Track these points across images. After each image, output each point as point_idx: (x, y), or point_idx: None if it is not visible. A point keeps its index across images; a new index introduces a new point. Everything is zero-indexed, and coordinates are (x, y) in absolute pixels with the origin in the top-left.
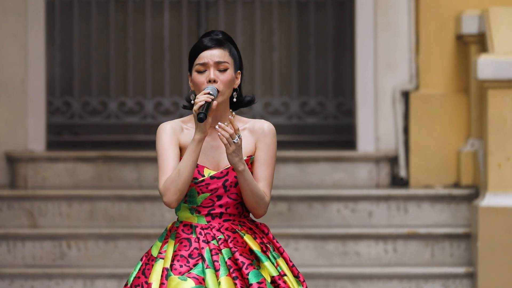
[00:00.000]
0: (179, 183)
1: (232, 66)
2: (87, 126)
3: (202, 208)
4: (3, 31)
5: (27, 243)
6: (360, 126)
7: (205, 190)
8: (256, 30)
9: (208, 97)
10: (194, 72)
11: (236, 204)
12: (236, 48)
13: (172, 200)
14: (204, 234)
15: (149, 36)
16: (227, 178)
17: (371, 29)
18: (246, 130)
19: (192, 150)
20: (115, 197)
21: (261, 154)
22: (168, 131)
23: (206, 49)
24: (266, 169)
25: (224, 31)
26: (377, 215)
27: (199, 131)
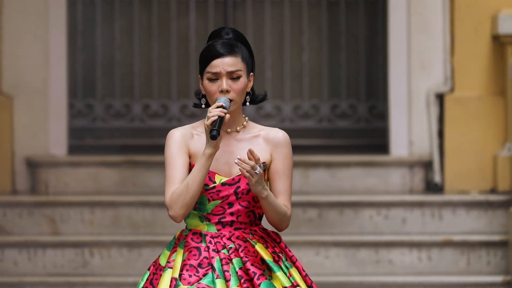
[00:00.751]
0: (187, 198)
1: (245, 72)
2: (110, 130)
3: (212, 216)
4: (24, 32)
5: (48, 251)
6: (393, 130)
7: (216, 197)
8: (285, 30)
9: (221, 112)
10: (206, 80)
11: (247, 212)
12: (248, 47)
13: (178, 215)
14: (214, 243)
15: (174, 36)
16: (239, 185)
17: (405, 29)
18: (260, 137)
19: (201, 165)
20: (140, 203)
21: (279, 165)
22: (177, 138)
23: (218, 57)
24: (285, 181)
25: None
26: (410, 222)
27: (210, 146)
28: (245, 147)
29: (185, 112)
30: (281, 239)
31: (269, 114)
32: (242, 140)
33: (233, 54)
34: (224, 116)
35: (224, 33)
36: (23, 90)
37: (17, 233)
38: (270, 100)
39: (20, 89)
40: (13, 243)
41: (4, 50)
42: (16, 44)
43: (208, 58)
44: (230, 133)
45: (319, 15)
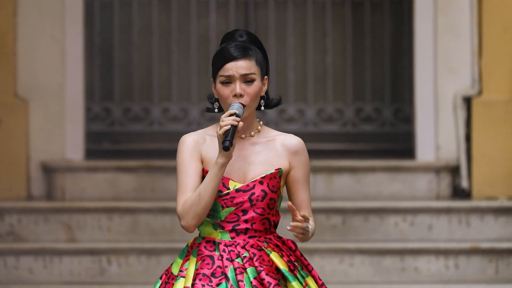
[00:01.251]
0: (199, 208)
1: (259, 75)
2: (128, 134)
3: (226, 223)
4: (39, 33)
5: (65, 259)
6: (419, 134)
7: (230, 204)
8: (308, 31)
9: (234, 120)
10: (219, 83)
11: (262, 219)
12: (263, 50)
13: (190, 225)
14: (228, 251)
15: (194, 38)
16: (253, 192)
17: (431, 31)
18: (275, 142)
19: (214, 175)
20: (158, 210)
21: (299, 174)
22: (189, 144)
23: (231, 60)
24: (306, 190)
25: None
26: (437, 229)
27: (223, 156)
28: (259, 151)
29: (205, 115)
30: (297, 247)
31: (292, 118)
32: (257, 144)
33: (247, 57)
34: (237, 125)
35: (238, 35)
36: (38, 93)
37: (32, 240)
38: (293, 103)
39: (36, 92)
40: (28, 250)
41: (19, 52)
42: (31, 46)
43: (221, 61)
44: (244, 138)
45: (343, 16)
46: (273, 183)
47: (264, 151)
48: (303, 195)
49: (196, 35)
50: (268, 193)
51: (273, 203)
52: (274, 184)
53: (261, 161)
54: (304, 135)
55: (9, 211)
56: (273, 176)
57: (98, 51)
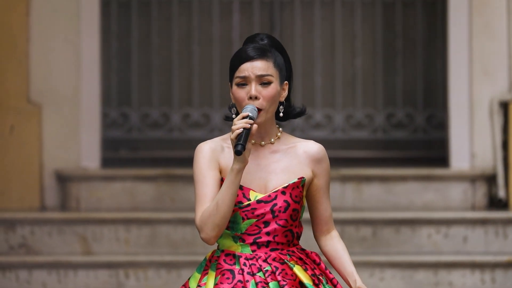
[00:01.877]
0: (217, 218)
1: (277, 78)
2: (147, 141)
3: (246, 236)
4: (53, 35)
5: (80, 272)
6: (453, 141)
7: (251, 215)
8: (336, 33)
9: (247, 123)
10: (234, 85)
11: (285, 231)
12: (284, 54)
13: (210, 237)
14: (249, 265)
15: (216, 40)
16: (275, 203)
17: (466, 32)
18: (296, 149)
19: (230, 182)
20: (179, 221)
21: (322, 182)
22: (206, 153)
23: (247, 60)
24: (328, 199)
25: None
26: (472, 241)
27: (238, 161)
28: (280, 159)
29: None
30: (321, 260)
31: (319, 124)
32: (277, 151)
33: (264, 58)
34: (251, 128)
35: (259, 39)
36: (52, 97)
37: (46, 252)
38: (320, 109)
39: (50, 97)
40: (42, 263)
41: (32, 55)
42: (45, 48)
43: (237, 62)
44: (264, 145)
45: (373, 16)
46: (296, 193)
47: (285, 159)
48: (326, 204)
49: (219, 37)
50: (291, 203)
51: (296, 214)
52: (297, 194)
53: (283, 170)
54: (332, 142)
55: (22, 222)
56: (296, 185)
57: (115, 54)
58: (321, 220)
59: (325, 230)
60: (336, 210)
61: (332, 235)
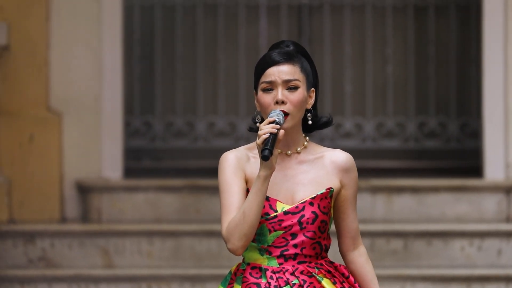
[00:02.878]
0: (245, 228)
1: (304, 84)
2: (170, 150)
3: (273, 249)
4: (74, 40)
5: (101, 286)
6: (487, 150)
7: (278, 227)
8: (366, 39)
9: (273, 128)
10: (260, 91)
11: (313, 243)
12: (311, 62)
13: (237, 247)
14: (275, 278)
15: (243, 46)
16: (303, 214)
17: (501, 38)
18: (324, 159)
19: (257, 189)
20: (204, 233)
21: (350, 192)
22: (232, 162)
23: (273, 65)
24: (355, 210)
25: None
26: (507, 254)
27: (265, 167)
28: (307, 169)
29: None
30: (350, 273)
31: (349, 133)
32: (304, 162)
33: (291, 62)
34: (278, 133)
35: (284, 46)
36: (73, 105)
37: (66, 266)
38: (350, 117)
39: (70, 105)
40: (62, 277)
41: (52, 61)
42: (65, 55)
43: (263, 67)
44: (290, 155)
45: (405, 22)
46: (324, 204)
47: (312, 170)
48: (353, 216)
49: (245, 43)
50: (319, 215)
51: (324, 226)
52: (325, 205)
53: (310, 181)
54: (362, 151)
55: (41, 235)
56: (324, 196)
57: (138, 60)
58: (348, 233)
59: (351, 244)
60: (366, 221)
61: (361, 252)
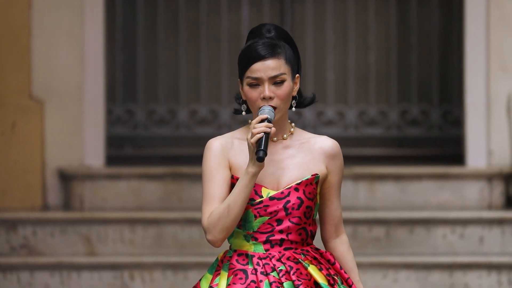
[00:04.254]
0: (228, 221)
1: (289, 75)
2: (153, 138)
3: (259, 235)
4: (56, 29)
5: (84, 274)
6: (469, 138)
7: (263, 213)
8: (349, 27)
9: (267, 127)
10: (246, 85)
11: (298, 229)
12: (293, 45)
13: (217, 239)
14: (262, 264)
15: (224, 34)
16: (288, 200)
17: (483, 26)
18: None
19: (244, 185)
20: (186, 221)
21: (335, 179)
22: (216, 150)
23: (258, 60)
24: (339, 197)
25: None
26: (489, 241)
27: (255, 165)
28: (293, 154)
29: (236, 118)
30: (336, 259)
31: (331, 121)
32: (290, 146)
33: (276, 56)
34: (270, 131)
35: (265, 31)
36: (55, 94)
37: (48, 253)
38: (332, 105)
39: (52, 93)
40: (44, 265)
41: (34, 50)
42: (47, 42)
43: (248, 61)
44: (276, 141)
45: (387, 10)
46: (310, 190)
47: (298, 155)
48: (337, 204)
49: (227, 31)
50: (305, 200)
51: (309, 212)
52: (310, 190)
53: (296, 166)
54: (344, 139)
55: (23, 223)
56: (310, 182)
57: (120, 48)
58: (331, 220)
59: (334, 232)
60: (348, 209)
61: (342, 240)
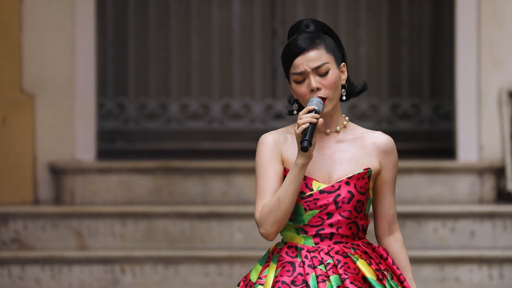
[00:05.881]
0: (278, 214)
1: (333, 63)
2: (144, 132)
3: (309, 228)
4: (47, 23)
5: (75, 268)
6: (460, 132)
7: (313, 206)
8: (340, 21)
9: (313, 117)
10: (293, 82)
11: (349, 223)
12: (333, 36)
13: (270, 232)
14: (310, 257)
15: (216, 29)
16: (339, 193)
17: (474, 20)
18: (364, 140)
19: (294, 177)
20: (177, 215)
21: (389, 175)
22: (269, 144)
23: (299, 54)
24: (393, 194)
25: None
26: (480, 235)
27: (303, 156)
28: (345, 149)
29: (227, 112)
30: (389, 254)
31: None
32: (343, 141)
33: (315, 47)
34: (317, 122)
35: (304, 26)
36: (46, 87)
37: (39, 248)
38: None
39: (43, 87)
40: (35, 259)
41: (25, 43)
42: (38, 36)
43: (289, 57)
44: (329, 134)
45: (378, 4)
46: (361, 184)
47: (351, 150)
48: (391, 200)
49: (218, 25)
50: (355, 194)
51: (360, 206)
52: (362, 185)
53: (348, 160)
54: None
55: (14, 216)
56: (361, 176)
57: (111, 42)
58: (384, 217)
59: (387, 229)
60: None
61: (396, 238)
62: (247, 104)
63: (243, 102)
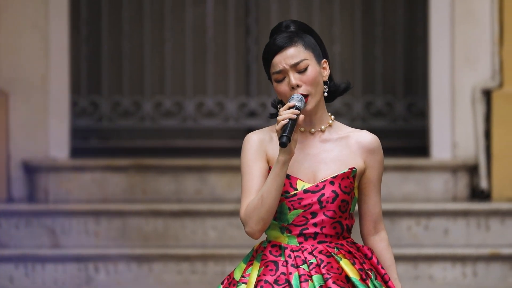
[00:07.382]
0: (262, 212)
1: (313, 59)
2: (117, 130)
3: (293, 227)
4: (21, 21)
5: (48, 266)
6: (434, 130)
7: (298, 206)
8: (314, 19)
9: (292, 114)
10: (274, 82)
11: (333, 223)
12: (314, 34)
13: (255, 231)
14: (293, 257)
15: (189, 26)
16: (323, 193)
17: (448, 18)
18: (349, 139)
19: (276, 174)
20: (150, 213)
21: (374, 174)
22: (254, 143)
23: (276, 52)
24: (379, 193)
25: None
26: (454, 233)
27: (284, 153)
28: (330, 148)
29: (201, 110)
30: (374, 254)
31: None
32: (327, 140)
33: (293, 44)
34: (297, 118)
35: (284, 27)
36: (20, 85)
37: (13, 245)
38: None
39: (17, 85)
40: (8, 257)
41: None
42: (12, 35)
43: (268, 57)
44: (314, 133)
45: (352, 2)
46: (346, 184)
47: (336, 149)
48: (376, 199)
49: (192, 23)
50: (340, 194)
51: (345, 206)
52: (346, 184)
53: (333, 160)
54: None
55: None
56: (346, 176)
57: (85, 40)
58: (369, 216)
59: (372, 228)
60: None
61: (381, 237)
62: (220, 102)
63: (217, 100)
